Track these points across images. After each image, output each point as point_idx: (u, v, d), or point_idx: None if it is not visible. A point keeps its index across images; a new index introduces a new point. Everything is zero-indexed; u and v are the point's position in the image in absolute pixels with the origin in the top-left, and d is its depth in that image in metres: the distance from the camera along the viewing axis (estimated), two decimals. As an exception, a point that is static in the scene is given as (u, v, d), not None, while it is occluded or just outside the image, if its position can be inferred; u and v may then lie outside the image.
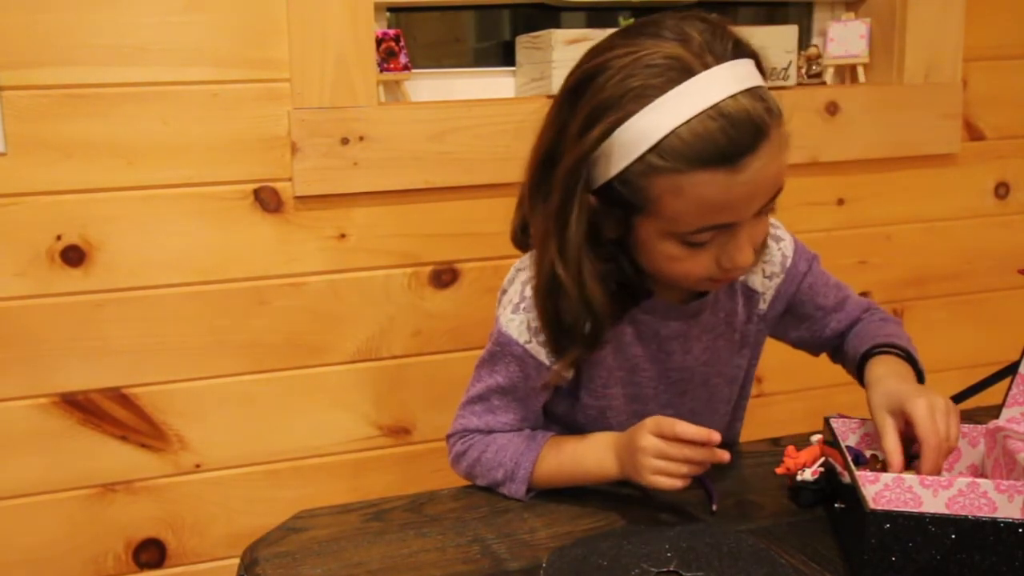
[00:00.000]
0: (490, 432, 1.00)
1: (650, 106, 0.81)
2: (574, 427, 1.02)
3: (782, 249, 1.04)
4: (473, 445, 1.00)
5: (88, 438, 1.30)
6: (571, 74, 0.88)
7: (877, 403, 0.94)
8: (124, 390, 1.31)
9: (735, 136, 0.80)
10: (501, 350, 0.96)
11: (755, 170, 0.82)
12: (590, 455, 0.96)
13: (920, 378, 1.01)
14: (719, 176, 0.81)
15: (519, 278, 0.98)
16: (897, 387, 0.94)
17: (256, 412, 1.37)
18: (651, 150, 0.81)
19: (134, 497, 1.34)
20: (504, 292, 1.00)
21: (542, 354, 0.95)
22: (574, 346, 0.92)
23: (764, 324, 1.07)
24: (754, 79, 0.83)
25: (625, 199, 0.85)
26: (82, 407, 1.30)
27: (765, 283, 1.04)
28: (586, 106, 0.84)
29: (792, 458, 0.96)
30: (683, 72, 0.81)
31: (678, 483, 0.89)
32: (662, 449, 0.88)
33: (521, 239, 1.01)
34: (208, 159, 1.30)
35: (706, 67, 0.81)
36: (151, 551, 1.36)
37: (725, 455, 0.88)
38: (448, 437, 1.03)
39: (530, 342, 0.95)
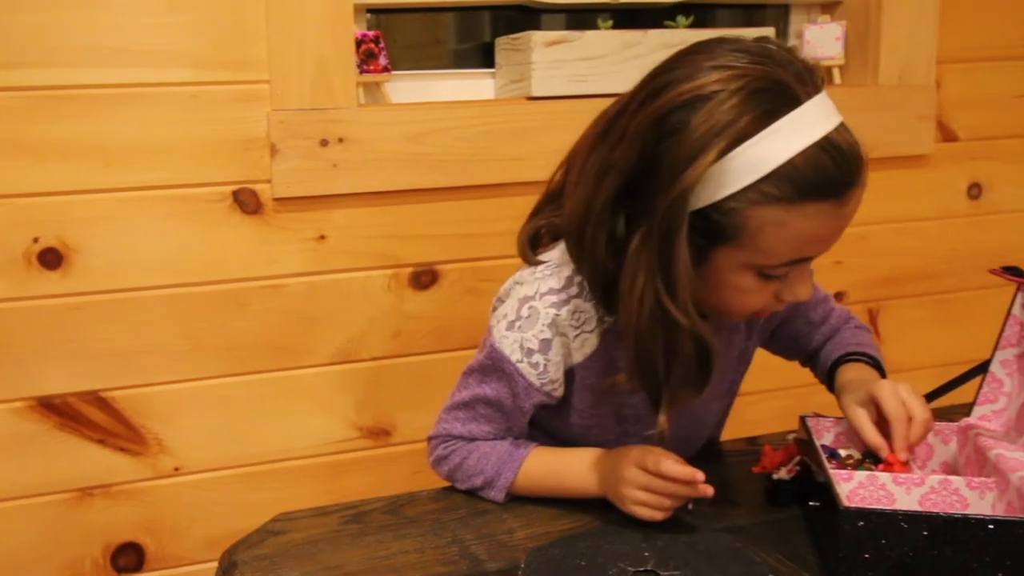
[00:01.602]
0: (473, 440, 0.99)
1: (764, 132, 0.78)
2: (560, 440, 1.02)
3: None
4: (455, 451, 1.00)
5: (65, 442, 1.30)
6: (653, 101, 0.82)
7: (847, 401, 0.95)
8: (102, 393, 1.31)
9: (845, 168, 0.80)
10: (493, 364, 0.95)
11: (852, 204, 0.82)
12: (572, 473, 0.96)
13: None
14: (825, 208, 0.80)
15: (516, 293, 0.95)
16: (864, 384, 0.96)
17: (235, 415, 1.37)
18: (765, 178, 0.79)
19: (112, 501, 1.33)
20: (501, 302, 0.98)
21: (532, 375, 0.94)
22: (684, 386, 0.87)
23: (758, 338, 1.07)
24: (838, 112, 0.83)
25: (714, 228, 0.81)
26: (59, 411, 1.29)
27: None
28: (692, 133, 0.79)
29: (768, 457, 0.98)
30: (791, 100, 0.79)
31: (659, 515, 0.89)
32: (646, 482, 0.88)
33: (529, 251, 0.97)
34: (187, 161, 1.30)
35: (809, 96, 0.80)
36: (129, 555, 1.35)
37: (709, 490, 0.87)
38: (430, 439, 1.03)
39: (522, 361, 0.93)
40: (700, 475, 0.86)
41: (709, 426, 1.09)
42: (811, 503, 0.90)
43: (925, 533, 0.77)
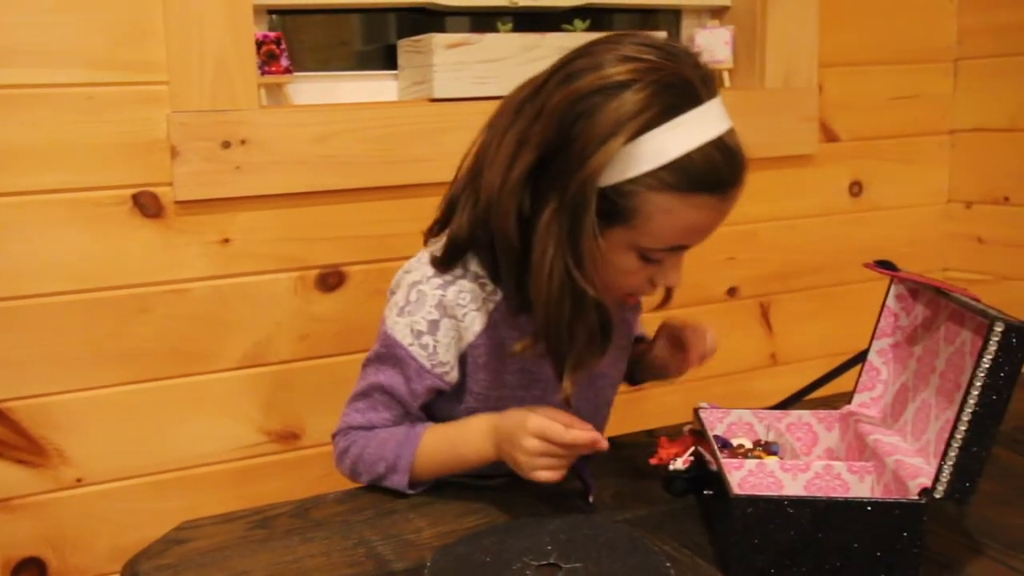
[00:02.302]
0: (372, 428, 1.02)
1: (669, 124, 0.84)
2: None
3: None
4: (356, 442, 1.02)
5: (-40, 456, 1.26)
6: (571, 83, 0.87)
7: (655, 344, 1.11)
8: (-2, 405, 1.27)
9: (731, 168, 0.88)
10: (387, 351, 0.99)
11: (732, 201, 0.90)
12: (469, 444, 0.98)
13: None
14: (711, 201, 0.88)
15: (406, 280, 1.00)
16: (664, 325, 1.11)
17: (139, 422, 1.34)
18: (664, 167, 0.85)
19: (11, 515, 1.29)
20: (392, 293, 1.02)
21: (423, 356, 0.97)
22: (587, 351, 0.93)
23: (630, 338, 1.13)
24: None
25: (613, 208, 0.87)
26: (-47, 424, 1.25)
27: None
28: (605, 117, 0.84)
29: (665, 448, 1.01)
30: (694, 99, 0.86)
31: (557, 476, 0.93)
32: (545, 450, 0.91)
33: (430, 234, 1.03)
34: (83, 164, 1.27)
35: (710, 97, 0.87)
36: (31, 570, 1.31)
37: (604, 444, 0.92)
38: (333, 436, 1.05)
39: (412, 344, 0.97)
40: (597, 436, 0.91)
41: (604, 414, 1.13)
42: (705, 492, 0.94)
43: (809, 517, 0.80)
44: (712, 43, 1.68)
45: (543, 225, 0.88)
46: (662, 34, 1.58)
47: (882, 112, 1.84)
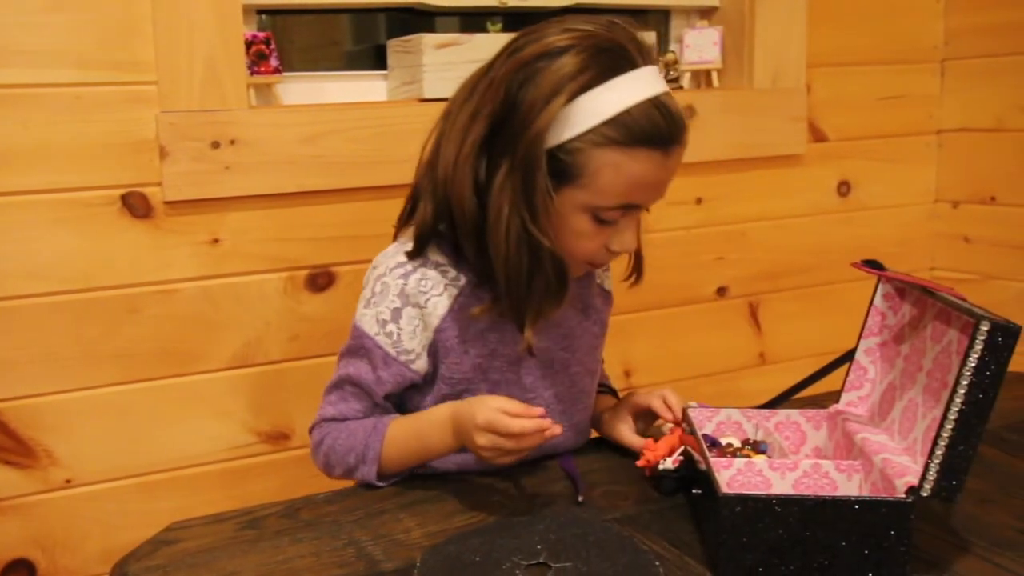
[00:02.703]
0: (344, 420, 1.05)
1: (606, 84, 0.90)
2: None
3: (610, 275, 1.15)
4: (328, 433, 1.05)
5: (-52, 458, 1.25)
6: (516, 55, 0.93)
7: (614, 417, 1.12)
8: (-13, 406, 1.27)
9: (671, 125, 0.92)
10: (356, 343, 1.03)
11: (675, 159, 0.94)
12: (433, 434, 1.00)
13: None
14: (655, 157, 0.92)
15: (373, 274, 1.04)
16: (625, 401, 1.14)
17: (129, 423, 1.34)
18: (606, 123, 0.90)
19: (0, 517, 1.28)
20: (363, 288, 1.05)
21: (388, 344, 1.01)
22: (546, 300, 0.97)
23: (602, 328, 1.15)
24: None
25: (561, 168, 0.92)
26: (-59, 426, 1.25)
27: (610, 289, 1.15)
28: (547, 79, 0.91)
29: (652, 450, 1.01)
30: (629, 62, 0.92)
31: (515, 459, 0.95)
32: (500, 443, 0.93)
33: (400, 224, 1.07)
34: (72, 164, 1.26)
35: (645, 63, 0.93)
36: (20, 571, 1.31)
37: (557, 429, 0.92)
38: (310, 430, 1.08)
39: (379, 334, 1.01)
40: (545, 423, 0.91)
41: (585, 404, 1.14)
42: (694, 491, 0.94)
43: (797, 515, 0.81)
44: (701, 43, 1.69)
45: (497, 188, 0.93)
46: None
47: (870, 112, 1.85)
